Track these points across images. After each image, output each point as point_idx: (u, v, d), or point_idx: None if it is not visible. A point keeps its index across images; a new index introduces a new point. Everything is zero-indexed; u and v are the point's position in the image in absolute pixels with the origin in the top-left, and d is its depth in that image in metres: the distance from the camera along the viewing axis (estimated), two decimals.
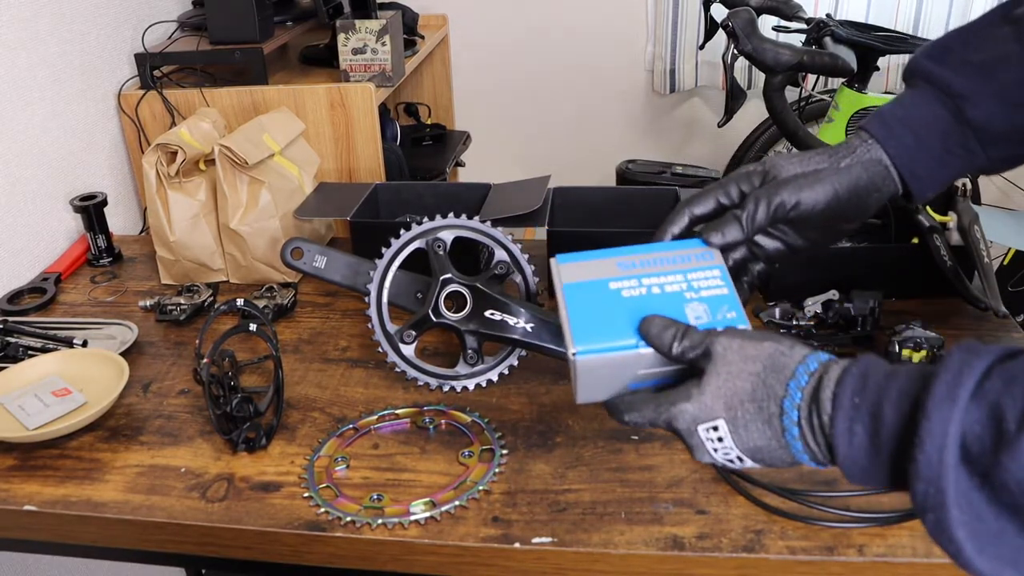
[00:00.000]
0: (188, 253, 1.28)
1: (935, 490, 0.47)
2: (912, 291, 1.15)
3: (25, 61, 1.39)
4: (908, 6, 2.36)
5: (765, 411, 0.57)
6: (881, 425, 0.51)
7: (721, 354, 0.60)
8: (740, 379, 0.58)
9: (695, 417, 0.60)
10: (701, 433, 0.60)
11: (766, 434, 0.57)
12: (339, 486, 0.88)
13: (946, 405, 0.47)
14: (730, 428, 0.58)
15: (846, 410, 0.53)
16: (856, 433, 0.52)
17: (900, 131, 0.73)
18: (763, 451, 0.58)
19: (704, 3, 1.88)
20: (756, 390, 0.58)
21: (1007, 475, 0.45)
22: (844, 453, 0.53)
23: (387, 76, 1.65)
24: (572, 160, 2.73)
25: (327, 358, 1.11)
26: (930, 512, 0.48)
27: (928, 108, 0.73)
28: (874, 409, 0.52)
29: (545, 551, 0.79)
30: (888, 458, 0.51)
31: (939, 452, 0.47)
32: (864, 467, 0.53)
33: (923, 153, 0.73)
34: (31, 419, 0.96)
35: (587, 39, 2.59)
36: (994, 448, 0.45)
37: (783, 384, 0.57)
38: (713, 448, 0.60)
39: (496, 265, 1.03)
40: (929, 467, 0.47)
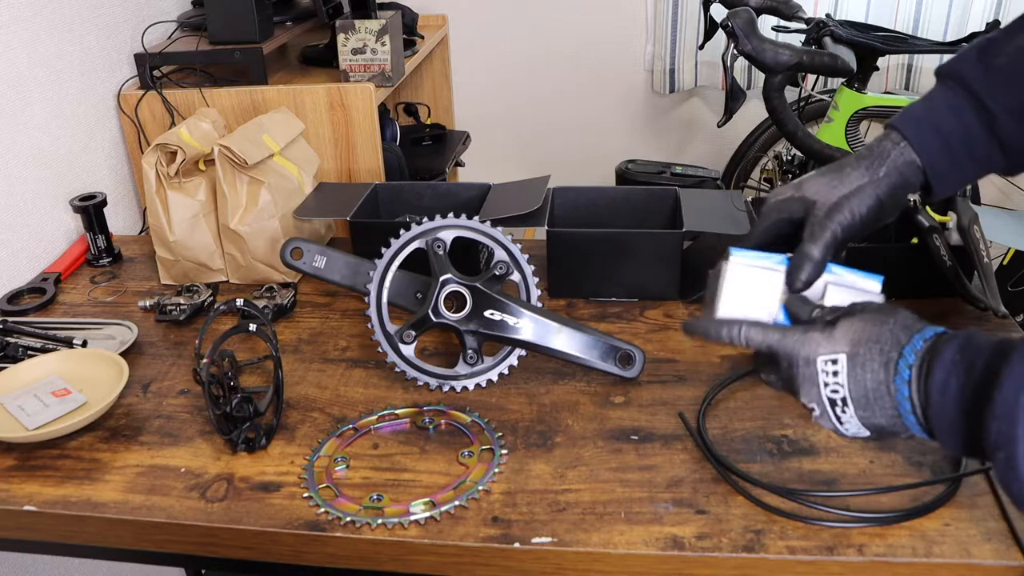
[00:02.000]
0: (188, 253, 1.28)
1: (1008, 426, 0.51)
2: (912, 291, 1.15)
3: (25, 61, 1.39)
4: (908, 6, 2.36)
5: (885, 354, 0.61)
6: (971, 378, 0.56)
7: (860, 306, 0.65)
8: (872, 324, 0.63)
9: (820, 345, 0.63)
10: (819, 363, 0.63)
11: (879, 376, 0.61)
12: (339, 486, 0.88)
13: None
14: (848, 364, 0.62)
15: (946, 364, 0.58)
16: (950, 385, 0.57)
17: (930, 133, 0.76)
18: (871, 395, 0.61)
19: (704, 3, 1.88)
20: (883, 335, 0.62)
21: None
22: (937, 401, 0.58)
23: (387, 76, 1.65)
24: (572, 160, 2.73)
25: (327, 358, 1.11)
26: (1001, 450, 0.52)
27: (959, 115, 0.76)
28: (968, 365, 0.57)
29: (545, 551, 0.79)
30: (972, 408, 0.55)
31: (1015, 392, 0.51)
32: (951, 419, 0.57)
33: (949, 156, 0.76)
34: (31, 419, 0.96)
35: (587, 39, 2.59)
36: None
37: (909, 335, 0.61)
38: (824, 382, 0.63)
39: (496, 265, 1.03)
40: (1005, 405, 0.52)
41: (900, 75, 2.42)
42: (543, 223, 1.20)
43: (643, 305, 1.19)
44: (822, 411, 0.64)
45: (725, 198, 1.28)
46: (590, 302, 1.21)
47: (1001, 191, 2.56)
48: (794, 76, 1.85)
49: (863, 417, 0.62)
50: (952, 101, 0.76)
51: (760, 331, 0.68)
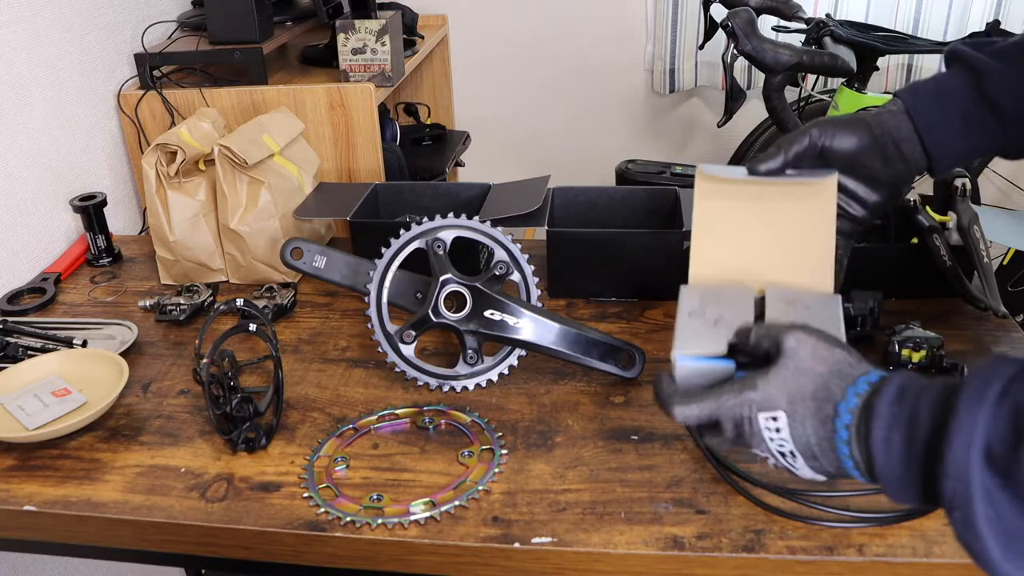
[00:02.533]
0: (188, 253, 1.28)
1: (962, 486, 0.49)
2: (912, 291, 1.15)
3: (25, 61, 1.39)
4: (908, 6, 2.36)
5: (822, 411, 0.59)
6: (916, 431, 0.53)
7: (793, 349, 0.62)
8: (805, 377, 0.60)
9: (759, 405, 0.62)
10: (761, 422, 0.62)
11: (819, 432, 0.59)
12: (339, 486, 0.88)
13: (974, 404, 0.49)
14: (788, 422, 0.60)
15: (884, 418, 0.55)
16: (893, 441, 0.54)
17: (925, 98, 0.80)
18: (815, 450, 0.60)
19: (704, 3, 1.88)
20: (818, 390, 0.60)
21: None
22: (882, 462, 0.55)
23: (387, 76, 1.65)
24: (572, 160, 2.73)
25: (327, 358, 1.11)
26: (957, 510, 0.50)
27: (952, 81, 0.80)
28: (910, 417, 0.54)
29: (545, 551, 0.80)
30: (921, 464, 0.53)
31: (966, 449, 0.49)
32: (900, 476, 0.55)
33: (944, 120, 0.79)
34: (31, 419, 0.96)
35: (587, 39, 2.59)
36: (1015, 445, 0.48)
37: (843, 389, 0.59)
38: (770, 438, 0.61)
39: (496, 265, 1.03)
40: (956, 464, 0.49)
41: (900, 75, 2.42)
42: (543, 223, 1.20)
43: (643, 305, 1.19)
44: (775, 461, 0.63)
45: None
46: (590, 302, 1.21)
47: (1001, 191, 2.56)
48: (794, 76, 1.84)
49: (814, 467, 0.61)
50: (946, 73, 0.82)
51: (696, 407, 0.65)
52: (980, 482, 0.49)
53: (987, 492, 0.49)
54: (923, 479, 0.53)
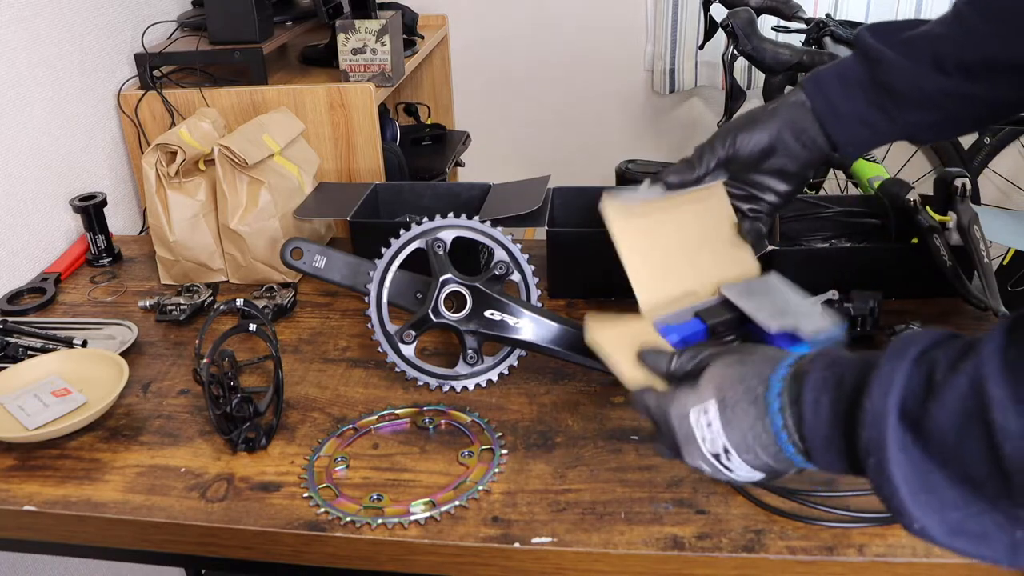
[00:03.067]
0: (188, 253, 1.28)
1: (877, 433, 0.51)
2: (912, 291, 1.15)
3: (25, 61, 1.39)
4: (908, 6, 2.36)
5: (752, 391, 0.60)
6: (842, 391, 0.55)
7: (715, 355, 0.65)
8: (733, 367, 0.62)
9: (688, 398, 0.63)
10: (692, 417, 0.62)
11: (751, 413, 0.59)
12: (339, 486, 0.88)
13: (895, 359, 0.52)
14: (719, 409, 0.61)
15: (815, 382, 0.56)
16: (821, 403, 0.56)
17: (826, 86, 0.85)
18: (748, 436, 0.59)
19: (704, 3, 1.88)
20: (746, 373, 0.61)
21: (932, 423, 0.49)
22: (810, 422, 0.56)
23: (387, 76, 1.65)
24: (572, 160, 2.73)
25: (327, 358, 1.11)
26: (872, 456, 0.51)
27: (852, 69, 0.84)
28: (838, 379, 0.55)
29: (545, 551, 0.80)
30: (844, 421, 0.54)
31: (883, 398, 0.51)
32: (825, 436, 0.56)
33: (845, 105, 0.84)
34: (31, 419, 0.96)
35: (587, 39, 2.59)
36: (924, 399, 0.50)
37: (773, 366, 0.60)
38: (702, 437, 0.61)
39: (496, 265, 1.03)
40: (873, 410, 0.51)
41: None
42: (543, 223, 1.20)
43: None
44: (711, 467, 0.63)
45: None
46: (590, 302, 1.21)
47: (1001, 191, 2.56)
48: (794, 76, 1.84)
49: (749, 460, 0.61)
50: (848, 59, 0.85)
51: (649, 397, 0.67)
52: (894, 430, 0.50)
53: (900, 444, 0.50)
54: (846, 438, 0.54)
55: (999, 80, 0.79)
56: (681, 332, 0.77)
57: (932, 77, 0.80)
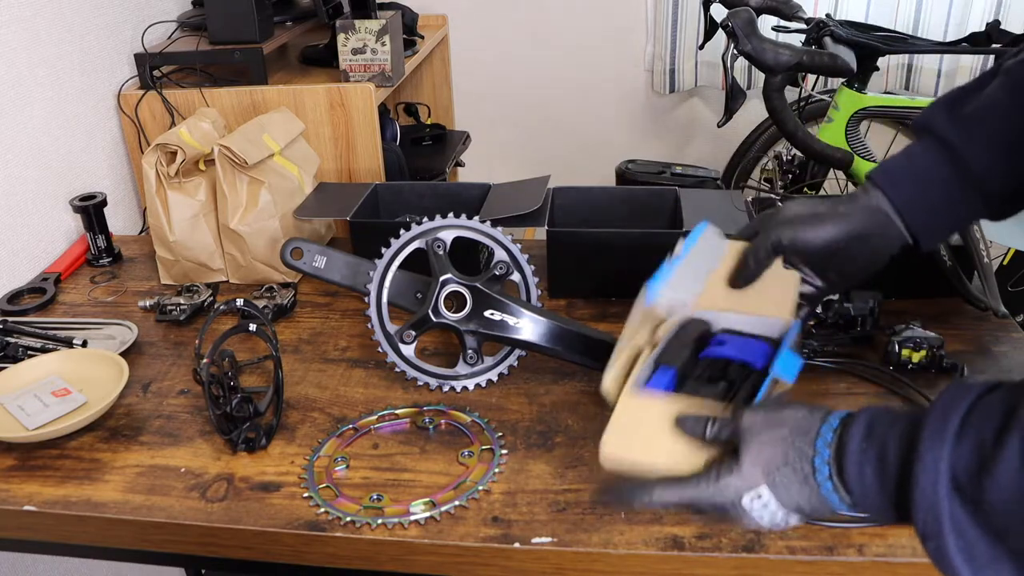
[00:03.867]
0: (188, 253, 1.28)
1: (933, 519, 0.52)
2: (912, 291, 1.15)
3: (25, 61, 1.39)
4: (908, 6, 2.36)
5: (800, 472, 0.61)
6: (886, 466, 0.57)
7: (749, 427, 0.64)
8: (771, 446, 0.62)
9: (740, 487, 0.63)
10: (746, 502, 0.63)
11: (805, 492, 0.61)
12: (339, 486, 0.88)
13: (937, 444, 0.53)
14: (771, 491, 0.62)
15: (855, 455, 0.58)
16: (866, 475, 0.58)
17: (903, 182, 0.78)
18: (805, 507, 0.62)
19: (704, 3, 1.87)
20: (788, 454, 0.61)
21: (990, 496, 0.50)
22: (858, 492, 0.58)
23: (387, 76, 1.65)
24: (572, 160, 2.73)
25: (327, 358, 1.11)
26: (930, 540, 0.53)
27: (931, 160, 0.78)
28: (880, 452, 0.57)
29: (545, 551, 0.79)
30: (894, 494, 0.56)
31: (933, 486, 0.52)
32: (877, 504, 0.58)
33: (926, 202, 0.78)
34: (31, 419, 0.96)
35: (587, 39, 2.59)
36: (978, 474, 0.51)
37: (811, 444, 0.61)
38: (760, 516, 0.63)
39: (496, 265, 1.03)
40: (925, 499, 0.53)
41: (900, 75, 2.42)
42: (543, 223, 1.20)
43: None
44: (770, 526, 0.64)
45: (725, 198, 1.28)
46: (590, 302, 1.20)
47: None
48: (794, 76, 1.84)
49: (811, 520, 0.65)
50: (920, 148, 0.79)
51: (674, 491, 0.66)
52: (949, 514, 0.52)
53: (957, 523, 0.51)
54: (898, 509, 0.56)
55: None
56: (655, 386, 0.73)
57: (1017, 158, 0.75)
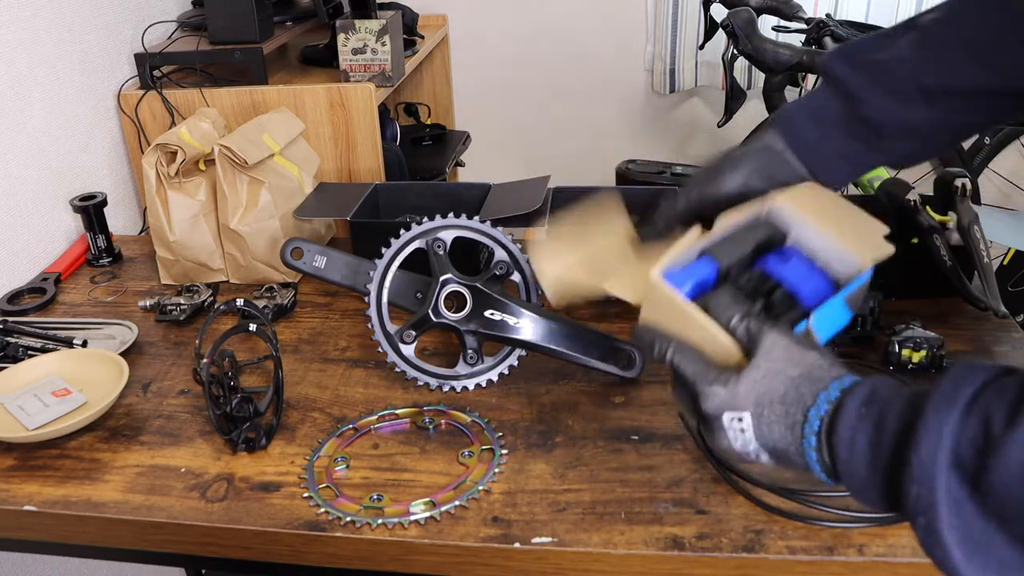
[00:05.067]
0: (188, 253, 1.28)
1: (927, 491, 0.48)
2: (912, 291, 1.15)
3: (25, 61, 1.39)
4: (908, 6, 2.36)
5: (791, 416, 0.58)
6: (882, 434, 0.53)
7: (767, 349, 0.61)
8: (776, 379, 0.60)
9: (725, 403, 0.61)
10: (726, 420, 0.61)
11: (787, 438, 0.58)
12: (339, 486, 0.88)
13: (944, 409, 0.49)
14: (754, 423, 0.59)
15: (851, 419, 0.54)
16: (858, 442, 0.54)
17: (799, 121, 0.80)
18: (779, 452, 0.59)
19: (704, 3, 1.88)
20: (788, 394, 0.59)
21: (994, 477, 0.46)
22: (844, 459, 0.55)
23: (387, 76, 1.65)
24: (572, 160, 2.73)
25: (327, 358, 1.11)
26: (921, 515, 0.49)
27: (829, 103, 0.79)
28: (877, 419, 0.53)
29: (545, 551, 0.79)
30: (885, 468, 0.53)
31: (933, 453, 0.48)
32: (864, 477, 0.54)
33: (823, 144, 0.79)
34: (31, 419, 0.96)
35: (587, 39, 2.59)
36: (983, 452, 0.47)
37: (814, 394, 0.58)
38: (734, 437, 0.61)
39: (496, 265, 1.03)
40: (922, 468, 0.48)
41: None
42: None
43: None
44: (736, 455, 0.63)
45: None
46: (590, 302, 1.20)
47: (1001, 191, 2.56)
48: (794, 76, 1.84)
49: (778, 464, 0.61)
50: (821, 92, 0.81)
51: (686, 359, 0.64)
52: (946, 488, 0.48)
53: (953, 500, 0.48)
54: (887, 483, 0.53)
55: (980, 103, 0.77)
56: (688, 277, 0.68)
57: (916, 109, 0.77)
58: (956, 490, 0.48)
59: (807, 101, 0.82)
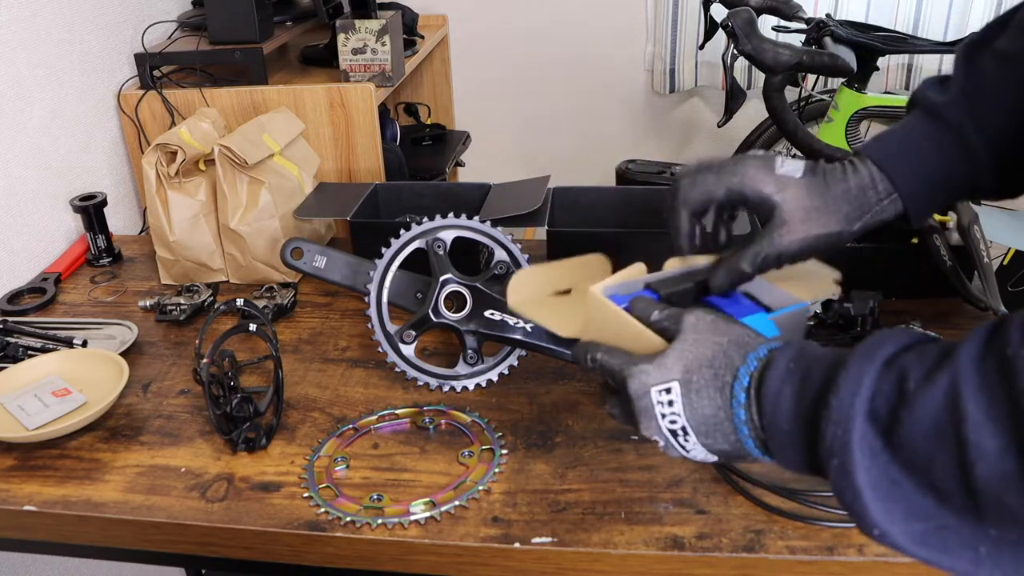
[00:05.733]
0: (188, 253, 1.28)
1: (843, 431, 0.50)
2: (912, 291, 1.15)
3: (25, 61, 1.39)
4: (908, 6, 2.36)
5: (720, 378, 0.58)
6: (807, 386, 0.54)
7: (693, 323, 0.62)
8: (703, 346, 0.60)
9: (651, 377, 0.60)
10: (653, 395, 0.60)
11: (716, 402, 0.58)
12: (339, 486, 0.88)
13: (865, 361, 0.51)
14: (683, 391, 0.59)
15: (780, 372, 0.56)
16: (784, 394, 0.55)
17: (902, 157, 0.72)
18: (709, 422, 0.59)
19: (704, 3, 1.88)
20: (716, 357, 0.59)
21: (903, 432, 0.48)
22: (770, 414, 0.55)
23: (387, 76, 1.65)
24: (572, 160, 2.73)
25: (327, 358, 1.11)
26: (836, 457, 0.50)
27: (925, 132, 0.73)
28: (804, 372, 0.55)
29: (545, 551, 0.80)
30: (806, 416, 0.54)
31: (851, 397, 0.50)
32: (786, 432, 0.55)
33: (923, 178, 0.72)
34: (31, 419, 0.96)
35: (587, 39, 2.59)
36: (896, 405, 0.49)
37: (743, 355, 0.59)
38: (661, 413, 0.60)
39: (496, 265, 1.03)
40: (840, 410, 0.50)
41: (900, 75, 2.42)
42: (543, 223, 1.20)
43: None
44: (666, 443, 0.62)
45: None
46: None
47: None
48: (794, 76, 1.84)
49: (706, 444, 0.60)
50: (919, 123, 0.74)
51: (612, 357, 0.64)
52: (862, 433, 0.49)
53: (867, 447, 0.49)
54: (807, 433, 0.53)
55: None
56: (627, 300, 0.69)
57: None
58: (871, 438, 0.50)
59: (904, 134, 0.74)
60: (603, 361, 0.65)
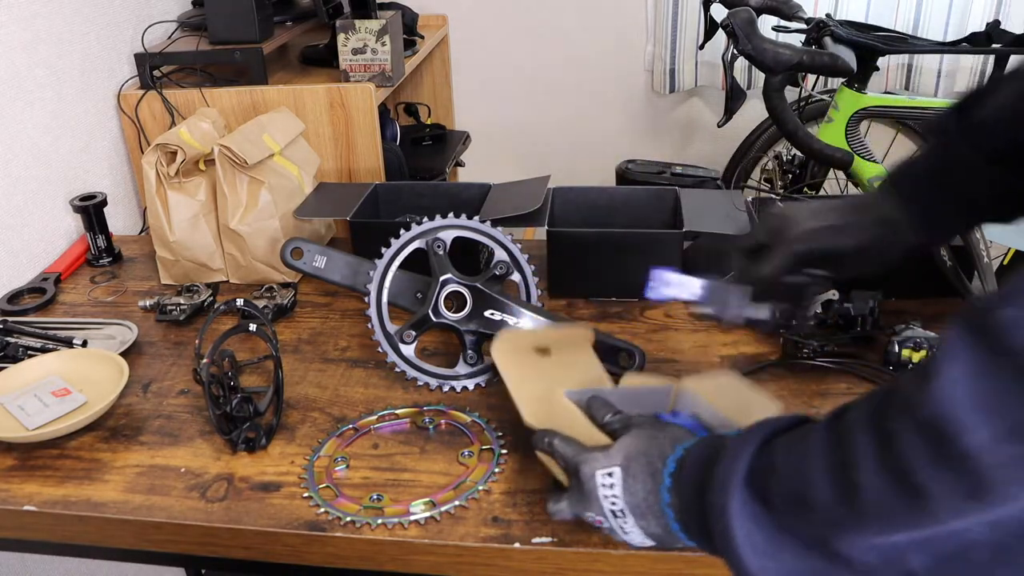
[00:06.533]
0: (188, 253, 1.28)
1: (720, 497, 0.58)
2: (912, 291, 1.15)
3: (25, 61, 1.39)
4: (908, 6, 2.36)
5: (652, 465, 0.66)
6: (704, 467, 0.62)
7: (639, 424, 0.72)
8: (644, 439, 0.69)
9: (598, 463, 0.69)
10: (598, 478, 0.68)
11: (648, 485, 0.66)
12: (339, 486, 0.88)
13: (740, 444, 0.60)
14: (623, 475, 0.67)
15: (693, 456, 0.65)
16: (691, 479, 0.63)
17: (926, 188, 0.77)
18: (642, 505, 0.66)
19: (704, 3, 1.88)
20: (652, 448, 0.68)
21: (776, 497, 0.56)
22: (682, 495, 0.64)
23: (387, 76, 1.65)
24: (572, 160, 2.73)
25: (327, 358, 1.11)
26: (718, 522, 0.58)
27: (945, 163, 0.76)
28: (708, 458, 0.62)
29: (545, 551, 0.79)
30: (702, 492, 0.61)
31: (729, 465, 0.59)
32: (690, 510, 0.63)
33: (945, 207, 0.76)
34: (31, 419, 0.96)
35: (587, 39, 2.59)
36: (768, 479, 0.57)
37: (673, 446, 0.67)
38: (604, 495, 0.68)
39: (496, 265, 1.03)
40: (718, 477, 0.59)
41: (900, 75, 2.42)
42: (543, 223, 1.20)
43: (643, 305, 1.19)
44: (609, 524, 0.69)
45: (725, 198, 1.28)
46: (590, 302, 1.20)
47: None
48: (794, 76, 1.84)
49: (642, 527, 0.67)
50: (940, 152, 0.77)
51: (566, 445, 0.74)
52: (741, 500, 0.57)
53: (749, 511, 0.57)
54: (701, 509, 0.60)
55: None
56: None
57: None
58: (750, 503, 0.57)
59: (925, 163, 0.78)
60: (558, 447, 0.74)
